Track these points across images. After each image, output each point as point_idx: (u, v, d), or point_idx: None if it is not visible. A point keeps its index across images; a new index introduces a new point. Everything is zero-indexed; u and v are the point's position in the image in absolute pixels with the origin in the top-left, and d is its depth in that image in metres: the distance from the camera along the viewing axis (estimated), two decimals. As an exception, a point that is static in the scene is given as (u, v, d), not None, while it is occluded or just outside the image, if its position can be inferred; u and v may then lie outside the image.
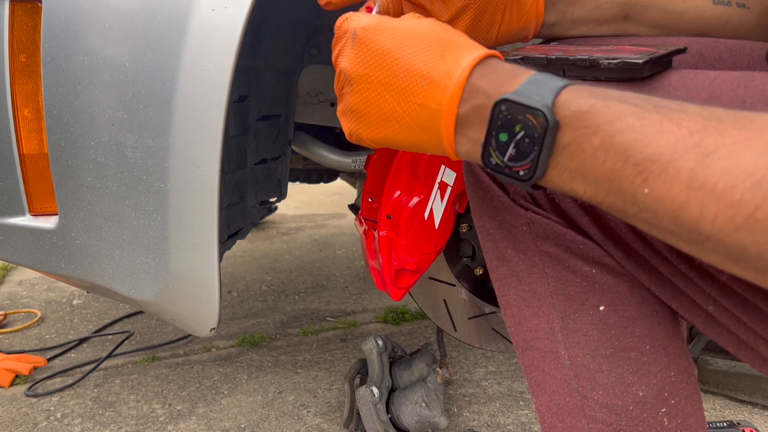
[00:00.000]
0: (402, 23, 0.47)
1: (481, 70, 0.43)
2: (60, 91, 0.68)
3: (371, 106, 0.47)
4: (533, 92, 0.39)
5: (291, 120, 1.16)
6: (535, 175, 0.39)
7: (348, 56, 0.48)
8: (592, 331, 0.57)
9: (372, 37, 0.47)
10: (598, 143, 0.36)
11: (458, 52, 0.44)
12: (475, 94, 0.42)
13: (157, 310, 0.79)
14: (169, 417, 1.26)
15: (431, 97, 0.44)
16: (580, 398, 0.58)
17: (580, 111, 0.37)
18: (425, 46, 0.45)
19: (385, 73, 0.46)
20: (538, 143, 0.38)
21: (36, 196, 0.77)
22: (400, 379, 1.14)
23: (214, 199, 0.69)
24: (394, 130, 0.47)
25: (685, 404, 0.58)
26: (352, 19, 0.50)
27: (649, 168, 0.34)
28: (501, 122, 0.40)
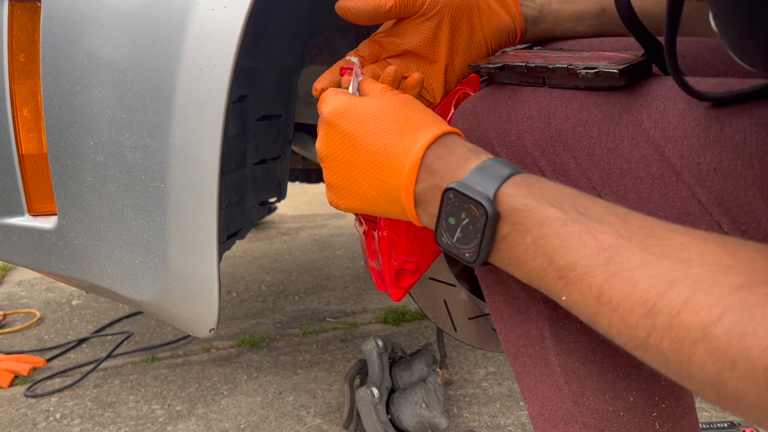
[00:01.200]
0: (365, 106, 0.50)
1: (437, 150, 0.46)
2: (59, 91, 0.68)
3: (342, 181, 0.52)
4: (478, 182, 0.42)
5: (291, 120, 1.16)
6: (478, 259, 0.42)
7: (320, 137, 0.53)
8: (582, 338, 0.57)
9: (337, 122, 0.51)
10: (530, 241, 0.39)
11: (415, 131, 0.47)
12: (430, 175, 0.46)
13: (156, 310, 0.79)
14: (168, 417, 1.25)
15: (391, 174, 0.47)
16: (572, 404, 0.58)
17: (516, 209, 0.40)
18: (385, 127, 0.48)
19: (350, 154, 0.50)
20: (480, 232, 0.41)
21: (35, 196, 0.76)
22: (400, 380, 1.14)
23: (213, 200, 0.69)
24: (364, 202, 0.51)
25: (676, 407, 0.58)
26: (324, 102, 0.54)
27: (567, 275, 0.37)
28: (449, 208, 0.43)
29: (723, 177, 0.43)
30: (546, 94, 0.54)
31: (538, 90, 0.55)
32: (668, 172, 0.46)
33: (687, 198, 0.45)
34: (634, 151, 0.48)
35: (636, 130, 0.48)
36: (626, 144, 0.48)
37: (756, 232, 0.42)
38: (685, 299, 0.31)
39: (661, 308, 0.32)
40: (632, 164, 0.48)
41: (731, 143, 0.42)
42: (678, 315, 0.31)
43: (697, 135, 0.44)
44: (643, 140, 0.47)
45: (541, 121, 0.54)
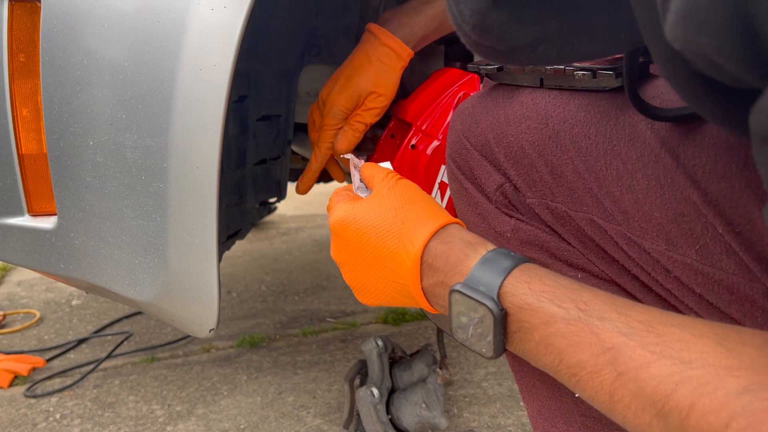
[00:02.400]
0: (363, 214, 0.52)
1: (436, 247, 0.47)
2: (59, 91, 0.68)
3: (359, 283, 0.54)
4: (480, 281, 0.42)
5: (291, 120, 1.16)
6: (494, 355, 0.43)
7: (332, 245, 0.56)
8: None
9: (341, 233, 0.53)
10: (539, 339, 0.40)
11: (412, 231, 0.48)
12: (433, 272, 0.47)
13: (156, 310, 0.79)
14: (168, 418, 1.25)
15: (398, 275, 0.49)
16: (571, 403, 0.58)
17: (521, 308, 0.40)
18: (383, 233, 0.50)
19: (360, 259, 0.52)
20: (491, 331, 0.42)
21: (35, 196, 0.76)
22: (400, 380, 1.14)
23: (213, 200, 0.69)
24: (385, 299, 0.53)
25: None
26: (330, 211, 0.56)
27: (578, 373, 0.38)
28: (458, 308, 0.44)
29: (718, 179, 0.43)
30: (543, 95, 0.54)
31: (535, 91, 0.55)
32: (663, 173, 0.46)
33: (682, 199, 0.45)
34: (630, 152, 0.48)
35: (632, 132, 0.48)
36: (622, 145, 0.48)
37: (750, 234, 0.42)
38: (692, 402, 0.31)
39: (670, 410, 0.32)
40: (628, 166, 0.48)
41: (726, 146, 0.42)
42: (687, 418, 0.31)
43: (693, 137, 0.44)
44: (638, 142, 0.47)
45: (539, 122, 0.54)
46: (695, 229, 0.45)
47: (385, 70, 0.81)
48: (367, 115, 0.84)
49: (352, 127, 0.85)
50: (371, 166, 0.59)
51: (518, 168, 0.56)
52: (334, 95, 0.84)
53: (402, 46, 0.80)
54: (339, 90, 0.83)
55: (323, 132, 0.87)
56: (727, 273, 0.44)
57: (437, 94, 0.86)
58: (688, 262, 0.46)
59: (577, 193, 0.52)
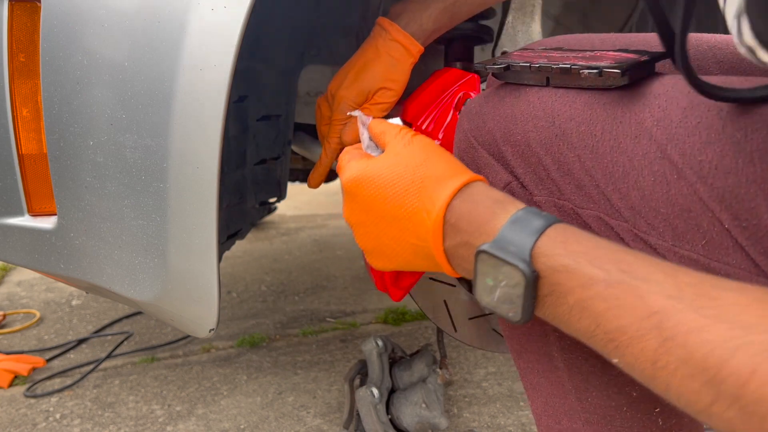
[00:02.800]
0: (379, 170, 0.49)
1: (460, 206, 0.44)
2: (59, 91, 0.68)
3: (374, 246, 0.51)
4: (511, 242, 0.40)
5: (291, 120, 1.16)
6: (522, 319, 0.41)
7: (344, 205, 0.54)
8: None
9: (356, 192, 0.50)
10: (574, 303, 0.37)
11: (433, 188, 0.46)
12: (456, 233, 0.44)
13: (156, 310, 0.79)
14: (168, 418, 1.25)
15: (418, 236, 0.47)
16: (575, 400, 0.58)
17: (555, 269, 0.38)
18: (402, 191, 0.47)
19: (375, 221, 0.50)
20: (521, 293, 0.40)
21: (35, 196, 0.76)
22: (400, 380, 1.14)
23: (213, 200, 0.69)
24: (400, 263, 0.51)
25: None
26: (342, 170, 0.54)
27: (618, 339, 0.36)
28: (485, 269, 0.41)
29: (724, 174, 0.43)
30: (550, 93, 0.54)
31: (542, 90, 0.55)
32: (670, 169, 0.46)
33: (688, 195, 0.45)
34: (637, 149, 0.48)
35: (638, 129, 0.48)
36: (629, 142, 0.48)
37: (756, 229, 0.42)
38: (752, 370, 0.30)
39: (726, 377, 0.31)
40: (634, 162, 0.48)
41: (732, 141, 0.43)
42: (746, 385, 0.30)
43: (699, 133, 0.44)
44: (645, 138, 0.47)
45: (546, 121, 0.54)
46: (702, 224, 0.45)
47: (395, 66, 0.81)
48: (376, 110, 0.83)
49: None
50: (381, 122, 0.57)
51: (526, 166, 0.56)
52: (343, 90, 0.83)
53: (412, 42, 0.80)
54: (348, 84, 0.83)
55: (332, 126, 0.86)
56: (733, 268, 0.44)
57: (437, 94, 0.86)
58: (694, 257, 0.46)
59: (585, 189, 0.52)
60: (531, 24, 0.97)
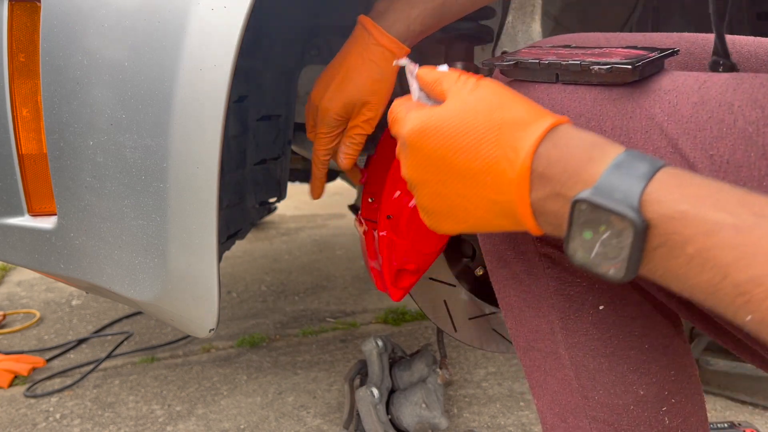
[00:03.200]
0: (448, 118, 0.44)
1: (548, 152, 0.40)
2: (59, 91, 0.68)
3: (440, 206, 0.47)
4: (615, 188, 0.35)
5: (291, 120, 1.16)
6: (626, 276, 0.36)
7: (405, 164, 0.48)
8: (593, 331, 0.57)
9: (421, 144, 0.45)
10: (693, 253, 0.33)
11: (515, 134, 0.41)
12: (546, 183, 0.39)
13: (156, 310, 0.79)
14: (168, 418, 1.25)
15: (498, 192, 0.42)
16: (581, 398, 0.58)
17: (671, 217, 0.34)
18: (477, 140, 0.42)
19: (444, 176, 0.45)
20: (627, 247, 0.35)
21: (35, 196, 0.76)
22: (400, 380, 1.14)
23: (213, 200, 0.69)
24: (472, 223, 0.46)
25: (686, 403, 0.58)
26: (399, 122, 0.49)
27: (751, 291, 0.31)
28: (582, 221, 0.37)
29: (736, 168, 0.43)
30: (559, 90, 0.54)
31: (551, 86, 0.55)
32: (682, 163, 0.46)
33: None
34: (648, 144, 0.48)
35: (649, 124, 0.48)
36: (639, 137, 0.48)
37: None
38: None
39: None
40: None
41: (744, 135, 0.42)
42: None
43: (710, 127, 0.44)
44: (656, 133, 0.47)
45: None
46: None
47: (380, 75, 0.75)
48: (367, 126, 0.78)
49: (352, 140, 0.80)
50: (432, 70, 0.51)
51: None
52: (326, 102, 0.78)
53: (399, 46, 0.74)
54: (331, 97, 0.78)
55: (318, 139, 0.82)
56: None
57: (437, 94, 0.86)
58: None
59: None
60: (531, 24, 0.97)
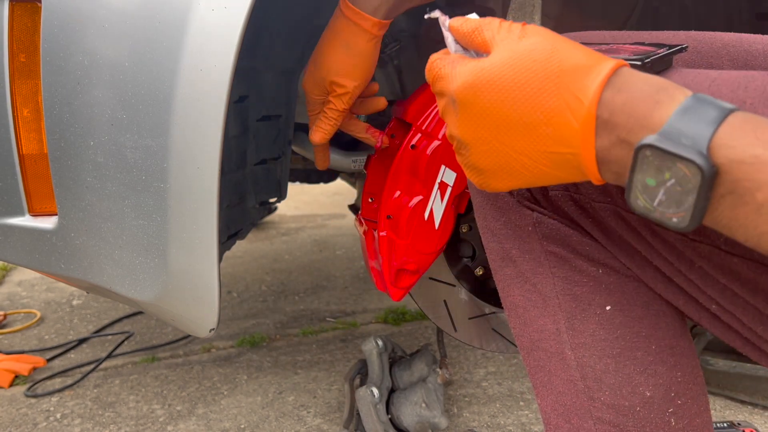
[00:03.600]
0: (500, 69, 0.42)
1: (612, 98, 0.38)
2: (59, 91, 0.68)
3: (496, 164, 0.45)
4: (683, 134, 0.34)
5: (291, 120, 1.16)
6: (691, 224, 0.35)
7: (455, 123, 0.46)
8: (599, 331, 0.57)
9: (473, 101, 0.43)
10: (764, 199, 0.32)
11: (576, 81, 0.39)
12: (611, 130, 0.38)
13: (156, 310, 0.79)
14: (168, 417, 1.25)
15: (561, 144, 0.40)
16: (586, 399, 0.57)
17: (742, 161, 0.33)
18: (535, 91, 0.40)
19: (502, 133, 0.42)
20: (693, 194, 0.34)
21: (35, 196, 0.76)
22: (400, 380, 1.14)
23: (213, 200, 0.69)
24: (530, 178, 0.44)
25: (692, 404, 0.58)
26: (444, 78, 0.46)
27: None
28: (646, 167, 0.36)
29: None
30: None
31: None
32: None
33: None
34: None
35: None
36: None
37: None
38: None
39: None
40: None
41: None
42: None
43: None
44: None
45: None
46: None
47: (348, 50, 0.74)
48: (338, 102, 0.78)
49: (325, 115, 0.80)
50: (467, 20, 0.48)
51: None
52: (303, 83, 0.79)
53: (369, 21, 0.72)
54: (306, 78, 0.78)
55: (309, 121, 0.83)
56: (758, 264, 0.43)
57: (437, 94, 0.86)
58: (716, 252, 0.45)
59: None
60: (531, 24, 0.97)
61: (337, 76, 0.76)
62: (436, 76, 0.48)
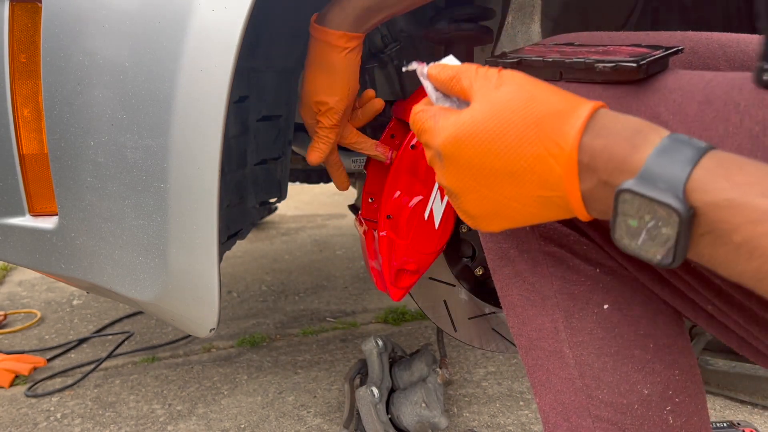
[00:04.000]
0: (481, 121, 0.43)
1: (592, 142, 0.39)
2: (60, 91, 0.68)
3: (486, 210, 0.46)
4: (659, 177, 0.35)
5: (291, 120, 1.16)
6: (674, 262, 0.36)
7: (443, 174, 0.47)
8: (597, 330, 0.57)
9: (458, 154, 0.44)
10: (741, 241, 0.33)
11: (554, 128, 0.40)
12: (592, 173, 0.39)
13: (156, 310, 0.79)
14: (169, 417, 1.26)
15: (547, 187, 0.41)
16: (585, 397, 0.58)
17: (717, 205, 0.34)
18: (516, 140, 0.41)
19: (487, 181, 0.44)
20: (673, 234, 0.35)
21: (36, 196, 0.77)
22: (400, 380, 1.14)
23: (213, 200, 0.69)
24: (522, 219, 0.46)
25: (690, 402, 0.58)
26: (427, 132, 0.48)
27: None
28: (627, 209, 0.37)
29: None
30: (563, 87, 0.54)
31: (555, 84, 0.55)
32: None
33: None
34: None
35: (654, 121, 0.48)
36: None
37: None
38: None
39: None
40: None
41: (750, 134, 0.42)
42: None
43: (716, 126, 0.44)
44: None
45: None
46: None
47: (326, 69, 0.77)
48: (325, 119, 0.80)
49: (317, 135, 0.83)
50: (444, 66, 0.50)
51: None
52: (300, 112, 0.82)
53: (334, 35, 0.75)
54: (300, 106, 0.82)
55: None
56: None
57: (437, 94, 0.86)
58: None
59: None
60: (531, 24, 0.97)
61: (318, 96, 0.79)
62: (420, 129, 0.49)
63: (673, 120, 0.46)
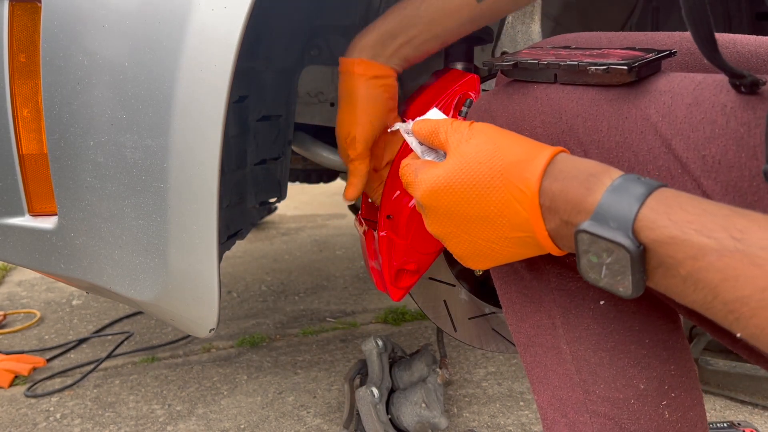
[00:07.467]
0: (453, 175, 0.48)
1: (551, 186, 0.43)
2: (59, 91, 0.68)
3: (470, 251, 0.51)
4: (611, 217, 0.38)
5: (291, 120, 1.16)
6: (633, 293, 0.39)
7: (427, 222, 0.52)
8: (593, 326, 0.58)
9: (436, 205, 0.49)
10: (686, 274, 0.36)
11: (517, 175, 0.45)
12: (554, 214, 0.43)
13: (156, 310, 0.79)
14: (168, 417, 1.25)
15: (517, 228, 0.46)
16: (582, 392, 0.58)
17: (662, 242, 0.37)
18: (485, 189, 0.46)
19: (465, 226, 0.49)
20: (628, 269, 0.38)
21: (35, 196, 0.76)
22: (400, 380, 1.14)
23: (213, 200, 0.69)
24: (503, 258, 0.50)
25: (685, 397, 0.59)
26: (412, 186, 0.52)
27: (738, 310, 0.34)
28: (586, 248, 0.40)
29: (728, 168, 0.43)
30: (557, 90, 0.55)
31: (550, 86, 0.56)
32: (674, 164, 0.46)
33: (692, 189, 0.46)
34: (642, 144, 0.48)
35: (644, 124, 0.48)
36: (634, 137, 0.49)
37: None
38: None
39: None
40: (640, 157, 0.49)
41: (736, 136, 0.43)
42: None
43: (703, 128, 0.45)
44: (650, 134, 0.48)
45: (553, 117, 0.54)
46: None
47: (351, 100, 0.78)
48: (352, 151, 0.80)
49: (349, 171, 0.82)
50: (425, 122, 0.55)
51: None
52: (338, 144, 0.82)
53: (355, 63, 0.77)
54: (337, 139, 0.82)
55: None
56: None
57: (437, 94, 0.86)
58: None
59: None
60: (531, 24, 0.97)
61: (343, 127, 0.79)
62: (405, 183, 0.54)
63: (663, 122, 0.47)
